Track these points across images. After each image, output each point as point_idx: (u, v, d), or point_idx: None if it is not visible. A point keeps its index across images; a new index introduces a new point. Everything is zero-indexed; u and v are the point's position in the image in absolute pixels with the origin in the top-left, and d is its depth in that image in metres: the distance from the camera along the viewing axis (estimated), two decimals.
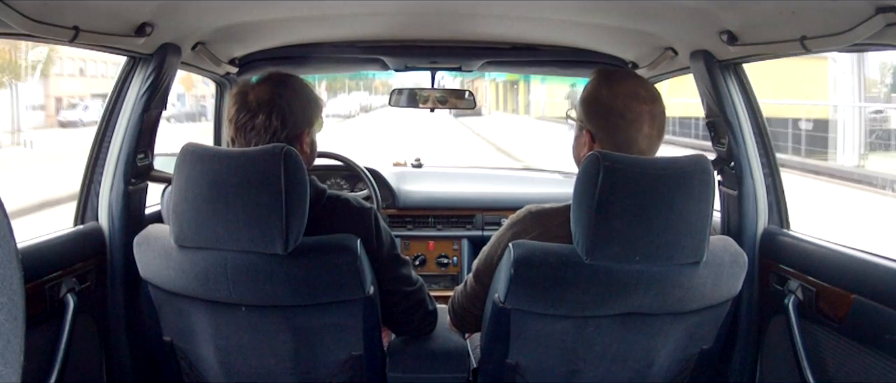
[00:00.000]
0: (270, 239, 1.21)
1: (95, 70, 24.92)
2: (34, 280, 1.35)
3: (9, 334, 0.59)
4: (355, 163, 2.53)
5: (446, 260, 2.68)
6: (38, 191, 8.45)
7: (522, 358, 1.33)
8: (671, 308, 1.26)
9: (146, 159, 1.65)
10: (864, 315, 1.28)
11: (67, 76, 23.02)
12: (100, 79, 25.79)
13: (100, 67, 24.97)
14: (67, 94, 22.62)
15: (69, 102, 22.59)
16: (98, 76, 25.65)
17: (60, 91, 22.16)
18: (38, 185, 8.80)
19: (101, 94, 25.25)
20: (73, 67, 23.64)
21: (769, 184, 1.62)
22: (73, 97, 22.72)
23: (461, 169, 3.26)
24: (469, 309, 1.47)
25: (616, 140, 1.29)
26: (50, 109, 21.81)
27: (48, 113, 21.57)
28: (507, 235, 1.35)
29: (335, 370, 1.39)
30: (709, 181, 1.20)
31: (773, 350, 1.57)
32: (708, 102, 1.66)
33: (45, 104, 21.37)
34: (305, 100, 1.39)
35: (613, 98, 1.30)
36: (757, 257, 1.59)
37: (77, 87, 23.26)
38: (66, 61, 22.83)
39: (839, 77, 12.34)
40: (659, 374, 1.36)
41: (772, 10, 1.30)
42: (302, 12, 1.72)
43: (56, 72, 21.95)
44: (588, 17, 1.71)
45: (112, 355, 1.61)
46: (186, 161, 1.24)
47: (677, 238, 1.18)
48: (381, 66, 2.22)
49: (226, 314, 1.32)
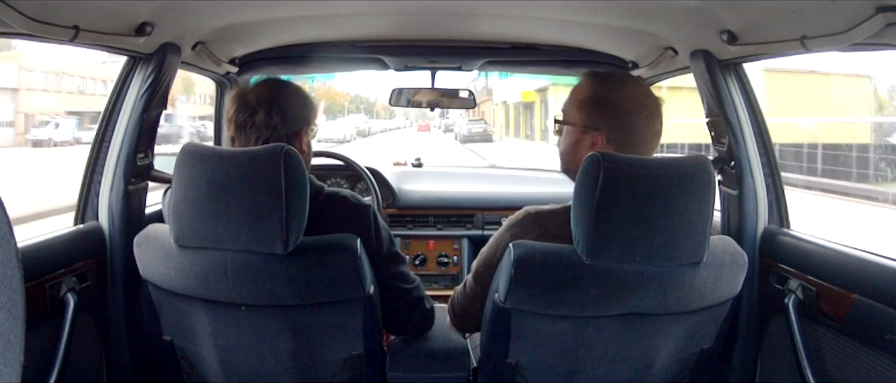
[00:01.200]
0: (270, 238, 1.21)
1: (72, 85, 24.10)
2: (34, 279, 1.35)
3: (9, 333, 0.59)
4: (356, 163, 2.53)
5: (446, 259, 2.68)
6: None
7: (522, 358, 1.33)
8: (671, 308, 1.26)
9: (146, 159, 1.66)
10: (864, 314, 1.28)
11: (39, 91, 22.20)
12: (76, 95, 24.84)
13: (76, 82, 24.14)
14: (39, 110, 21.79)
15: (41, 119, 21.77)
16: (75, 91, 24.77)
17: (31, 107, 21.28)
18: None
19: (77, 112, 24.73)
20: (47, 82, 22.79)
21: (769, 184, 1.62)
22: (45, 114, 21.87)
23: (461, 169, 3.26)
24: (469, 309, 1.47)
25: (633, 139, 1.30)
26: (19, 126, 20.86)
27: (17, 130, 20.68)
28: (506, 236, 1.35)
29: (335, 369, 1.39)
30: (709, 181, 1.20)
31: (773, 349, 1.57)
32: (708, 102, 1.66)
33: (14, 121, 20.46)
34: (303, 100, 1.42)
35: (626, 98, 1.31)
36: (757, 257, 1.59)
37: (51, 102, 22.42)
38: (39, 75, 21.92)
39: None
40: (659, 374, 1.36)
41: (772, 9, 1.30)
42: (302, 12, 1.72)
43: (27, 86, 21.17)
44: (588, 16, 1.71)
45: (112, 355, 1.61)
46: (186, 161, 1.24)
47: (677, 238, 1.18)
48: (381, 66, 2.22)
49: (226, 314, 1.32)
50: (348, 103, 54.43)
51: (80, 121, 25.73)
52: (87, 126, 26.64)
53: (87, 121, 27.79)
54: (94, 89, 28.14)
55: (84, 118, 27.63)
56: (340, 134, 32.04)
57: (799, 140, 13.33)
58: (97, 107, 28.64)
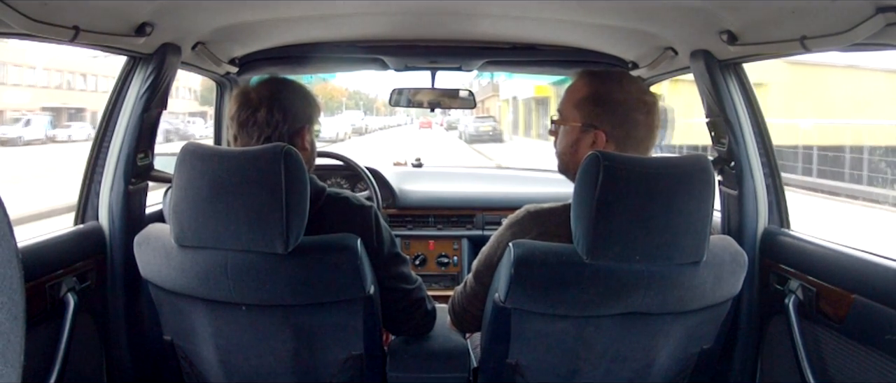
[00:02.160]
0: (271, 238, 1.21)
1: (47, 79, 23.30)
2: (34, 279, 1.35)
3: (9, 333, 0.59)
4: (356, 163, 2.53)
5: (446, 259, 2.69)
6: None
7: (522, 358, 1.33)
8: (671, 307, 1.26)
9: (146, 159, 1.66)
10: (865, 315, 1.28)
11: (11, 85, 21.39)
12: (52, 90, 23.89)
13: (53, 77, 23.31)
14: (12, 107, 20.87)
15: (13, 117, 20.56)
16: (51, 87, 23.92)
17: (3, 102, 19.95)
18: None
19: (53, 108, 23.94)
20: (20, 76, 21.95)
21: (769, 184, 1.62)
22: (19, 110, 20.92)
23: (461, 169, 3.26)
24: (469, 309, 1.47)
25: (633, 136, 1.31)
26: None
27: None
28: (507, 235, 1.35)
29: (335, 369, 1.39)
30: (709, 180, 1.20)
31: (773, 350, 1.57)
32: (708, 102, 1.66)
33: None
34: (305, 98, 1.43)
35: (625, 96, 1.32)
36: (757, 257, 1.59)
37: (24, 98, 21.51)
38: (10, 69, 21.04)
39: None
40: (659, 374, 1.36)
41: (772, 9, 1.30)
42: (302, 12, 1.72)
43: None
44: (588, 17, 1.71)
45: (112, 354, 1.61)
46: (186, 160, 1.24)
47: (677, 237, 1.18)
48: (381, 66, 2.22)
49: (226, 313, 1.32)
50: (347, 100, 52.33)
51: (54, 118, 24.66)
52: (64, 123, 25.60)
53: (64, 118, 26.67)
54: (74, 84, 27.44)
55: (60, 115, 26.53)
56: (333, 132, 29.64)
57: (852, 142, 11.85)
58: (76, 104, 27.09)
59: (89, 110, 27.66)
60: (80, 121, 26.69)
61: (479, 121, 28.38)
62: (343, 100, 49.26)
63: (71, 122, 25.78)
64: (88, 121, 27.07)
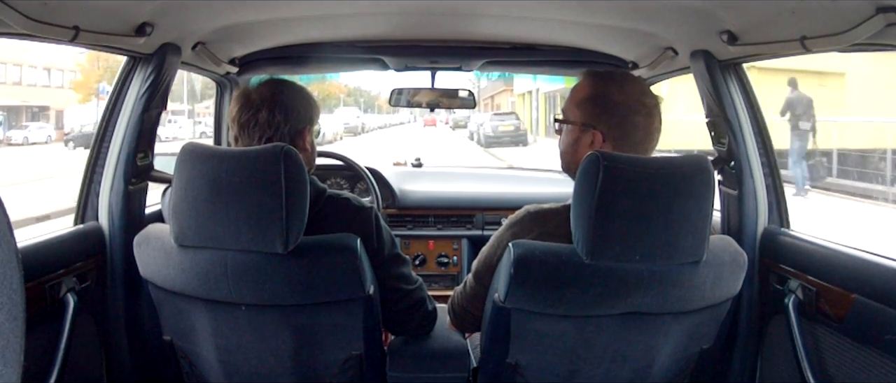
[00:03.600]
0: (270, 238, 1.21)
1: (4, 75, 22.33)
2: (34, 279, 1.35)
3: (9, 334, 0.59)
4: (356, 163, 2.53)
5: (446, 259, 2.69)
6: None
7: (522, 358, 1.33)
8: (671, 307, 1.26)
9: (146, 159, 1.66)
10: (865, 315, 1.28)
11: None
12: (10, 85, 22.74)
13: (11, 72, 22.24)
14: None
15: None
16: (8, 82, 22.73)
17: None
18: None
19: (9, 106, 22.48)
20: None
21: (769, 184, 1.62)
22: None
23: (461, 169, 3.26)
24: (469, 309, 1.47)
25: (631, 137, 1.31)
26: None
27: None
28: (507, 235, 1.35)
29: (335, 369, 1.39)
30: (709, 180, 1.20)
31: (773, 350, 1.57)
32: (708, 102, 1.66)
33: None
34: (306, 100, 1.43)
35: (624, 97, 1.31)
36: (757, 257, 1.59)
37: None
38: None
39: None
40: (659, 374, 1.36)
41: (772, 9, 1.31)
42: (302, 12, 1.73)
43: None
44: (588, 17, 1.71)
45: (112, 355, 1.61)
46: (186, 160, 1.24)
47: (677, 237, 1.18)
48: (381, 66, 2.22)
49: (226, 313, 1.32)
50: (346, 96, 49.22)
51: (8, 118, 23.45)
52: (22, 124, 24.11)
53: (23, 118, 25.01)
54: (36, 79, 26.02)
55: (18, 114, 24.91)
56: (322, 132, 27.87)
57: None
58: (39, 102, 25.65)
59: (53, 109, 26.26)
60: (43, 120, 25.29)
61: (498, 118, 22.30)
62: (341, 98, 47.24)
63: (28, 123, 24.48)
64: (52, 122, 25.71)
